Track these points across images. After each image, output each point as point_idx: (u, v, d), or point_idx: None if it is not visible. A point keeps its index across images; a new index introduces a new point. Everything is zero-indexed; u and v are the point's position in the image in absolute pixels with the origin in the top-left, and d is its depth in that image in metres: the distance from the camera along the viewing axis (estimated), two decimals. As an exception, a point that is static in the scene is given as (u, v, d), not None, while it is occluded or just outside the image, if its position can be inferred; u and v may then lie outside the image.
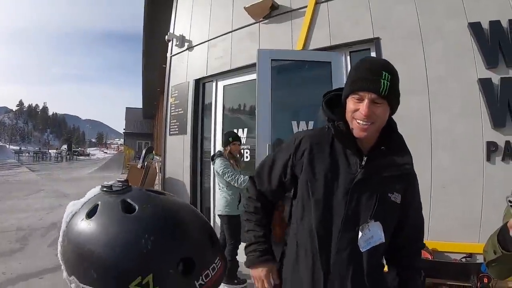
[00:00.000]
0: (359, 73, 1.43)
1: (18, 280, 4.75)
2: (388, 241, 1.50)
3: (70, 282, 0.67)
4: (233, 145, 4.65)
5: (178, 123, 6.56)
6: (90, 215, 0.67)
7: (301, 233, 1.54)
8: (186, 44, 6.57)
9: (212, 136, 6.02)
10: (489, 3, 3.55)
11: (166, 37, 6.83)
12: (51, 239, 6.63)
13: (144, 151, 12.17)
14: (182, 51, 6.69)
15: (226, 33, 5.76)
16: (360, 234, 1.45)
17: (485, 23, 3.50)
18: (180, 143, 6.46)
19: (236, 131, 5.17)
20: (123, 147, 40.57)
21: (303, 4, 4.78)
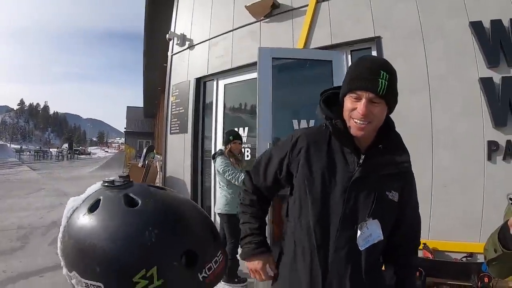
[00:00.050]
0: (357, 72, 1.42)
1: (19, 278, 4.76)
2: (386, 239, 1.49)
3: (70, 278, 0.66)
4: (233, 143, 4.64)
5: (179, 122, 6.57)
6: (92, 209, 0.67)
7: (298, 231, 1.54)
8: (187, 43, 6.57)
9: (213, 135, 6.03)
10: (490, 2, 3.54)
11: (167, 35, 6.83)
12: (51, 237, 6.62)
13: (145, 150, 12.19)
14: (183, 50, 6.69)
15: (227, 32, 5.76)
16: (359, 232, 1.44)
17: (487, 22, 3.49)
18: (181, 142, 6.47)
19: (237, 129, 5.16)
20: (124, 146, 40.55)
21: (304, 3, 4.78)
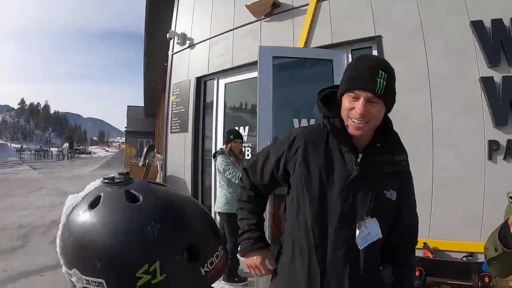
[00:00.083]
0: (356, 71, 1.41)
1: (19, 277, 4.76)
2: (384, 238, 1.49)
3: (70, 276, 0.65)
4: (234, 142, 4.64)
5: (179, 121, 6.57)
6: (92, 206, 0.66)
7: (296, 231, 1.53)
8: (188, 42, 6.57)
9: (214, 134, 6.03)
10: (491, 1, 3.53)
11: (168, 35, 6.82)
12: (52, 236, 6.61)
13: (146, 149, 12.18)
14: (183, 49, 6.69)
15: (227, 31, 5.76)
16: (358, 232, 1.44)
17: (487, 21, 3.48)
18: (181, 141, 6.47)
19: (237, 129, 5.16)
20: (124, 145, 40.55)
21: (304, 2, 4.77)
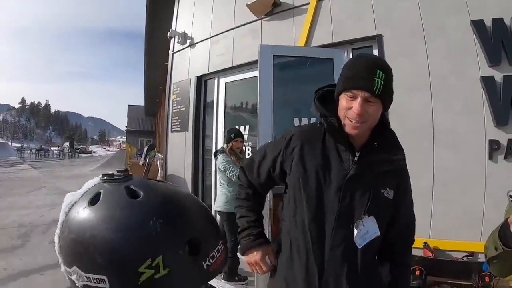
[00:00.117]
0: (353, 70, 1.41)
1: (19, 276, 4.76)
2: (382, 236, 1.49)
3: (70, 274, 0.65)
4: (235, 141, 4.63)
5: (180, 120, 6.57)
6: (92, 202, 0.66)
7: (293, 230, 1.53)
8: (188, 41, 6.57)
9: (214, 133, 6.02)
10: (491, 0, 3.52)
11: (168, 34, 6.83)
12: (52, 235, 6.45)
13: (146, 148, 12.17)
14: (184, 48, 6.69)
15: (228, 30, 5.76)
16: (356, 231, 1.44)
17: (488, 20, 3.47)
18: (181, 141, 6.47)
19: (238, 128, 5.15)
20: (125, 145, 40.61)
21: (305, 1, 4.77)
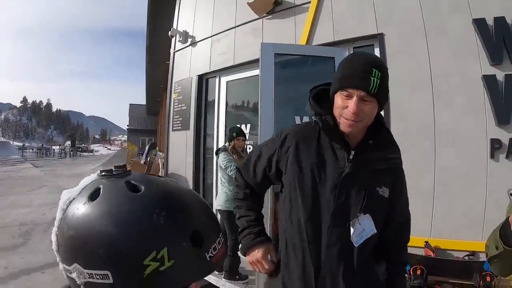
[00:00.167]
0: (349, 69, 1.40)
1: (21, 274, 4.78)
2: (378, 235, 1.49)
3: (69, 272, 0.64)
4: (237, 140, 4.62)
5: (181, 119, 6.57)
6: (92, 198, 0.66)
7: (289, 229, 1.53)
8: (190, 40, 6.58)
9: (215, 132, 6.03)
10: (493, -1, 3.51)
11: (170, 32, 6.83)
12: (53, 234, 6.62)
13: (147, 147, 12.21)
14: (185, 47, 6.70)
15: (229, 29, 5.76)
16: (352, 230, 1.43)
17: (490, 19, 3.46)
18: (183, 139, 6.48)
19: (239, 126, 5.14)
20: (126, 144, 40.66)
21: (306, 0, 4.76)
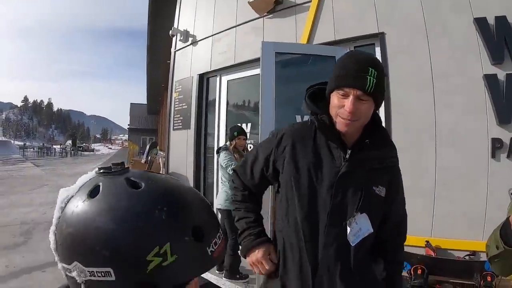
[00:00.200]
0: (345, 68, 1.40)
1: (21, 273, 4.79)
2: (374, 234, 1.49)
3: (69, 271, 0.63)
4: (238, 139, 4.61)
5: (182, 118, 6.58)
6: (92, 195, 0.65)
7: (286, 229, 1.53)
8: (190, 39, 6.58)
9: (216, 131, 6.02)
10: (495, -2, 3.50)
11: (170, 32, 6.83)
12: (54, 233, 6.63)
13: (148, 146, 12.20)
14: (186, 46, 6.69)
15: (230, 28, 5.75)
16: (349, 229, 1.44)
17: (491, 18, 3.45)
18: (183, 138, 6.48)
19: (240, 125, 5.13)
20: (127, 143, 40.72)
21: (307, -1, 4.75)
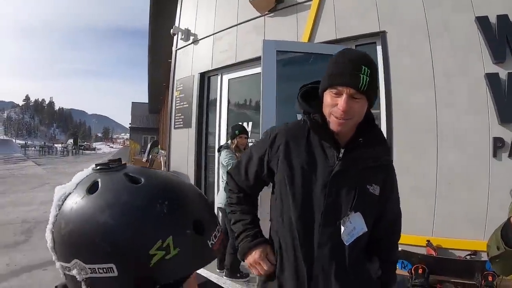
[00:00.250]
0: (338, 66, 1.39)
1: (22, 271, 4.80)
2: (369, 233, 1.49)
3: (68, 269, 0.62)
4: (239, 138, 4.61)
5: (183, 117, 6.57)
6: (91, 191, 0.64)
7: (281, 229, 1.53)
8: (191, 38, 6.57)
9: (217, 130, 6.02)
10: (496, -3, 3.49)
11: (171, 30, 6.83)
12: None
13: (150, 145, 12.21)
14: (187, 45, 6.69)
15: (231, 27, 5.74)
16: (342, 228, 1.43)
17: (493, 17, 3.43)
18: (184, 137, 6.47)
19: (241, 124, 5.13)
20: (128, 142, 40.74)
21: (308, -3, 4.74)
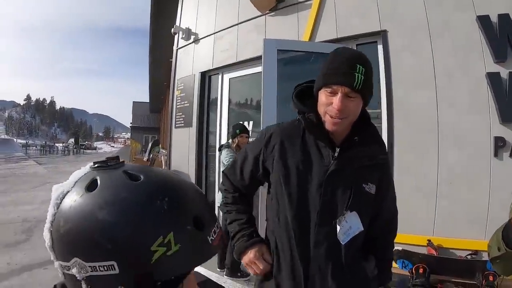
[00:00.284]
0: (333, 65, 1.39)
1: (23, 270, 4.79)
2: (365, 232, 1.49)
3: (67, 269, 0.62)
4: (240, 137, 4.60)
5: (183, 116, 6.58)
6: (90, 189, 0.64)
7: (277, 229, 1.53)
8: (192, 37, 6.57)
9: (218, 130, 6.02)
10: (498, -4, 3.48)
11: (172, 29, 6.83)
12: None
13: (150, 144, 12.22)
14: (188, 44, 6.69)
15: (232, 26, 5.74)
16: (338, 227, 1.43)
17: (494, 16, 3.43)
18: (185, 136, 6.48)
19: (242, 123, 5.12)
20: (129, 141, 40.78)
21: (309, -3, 4.73)
